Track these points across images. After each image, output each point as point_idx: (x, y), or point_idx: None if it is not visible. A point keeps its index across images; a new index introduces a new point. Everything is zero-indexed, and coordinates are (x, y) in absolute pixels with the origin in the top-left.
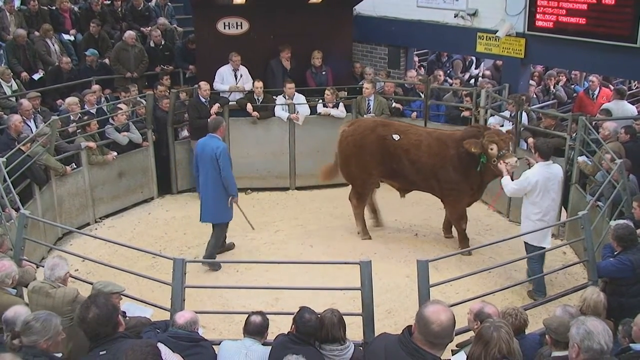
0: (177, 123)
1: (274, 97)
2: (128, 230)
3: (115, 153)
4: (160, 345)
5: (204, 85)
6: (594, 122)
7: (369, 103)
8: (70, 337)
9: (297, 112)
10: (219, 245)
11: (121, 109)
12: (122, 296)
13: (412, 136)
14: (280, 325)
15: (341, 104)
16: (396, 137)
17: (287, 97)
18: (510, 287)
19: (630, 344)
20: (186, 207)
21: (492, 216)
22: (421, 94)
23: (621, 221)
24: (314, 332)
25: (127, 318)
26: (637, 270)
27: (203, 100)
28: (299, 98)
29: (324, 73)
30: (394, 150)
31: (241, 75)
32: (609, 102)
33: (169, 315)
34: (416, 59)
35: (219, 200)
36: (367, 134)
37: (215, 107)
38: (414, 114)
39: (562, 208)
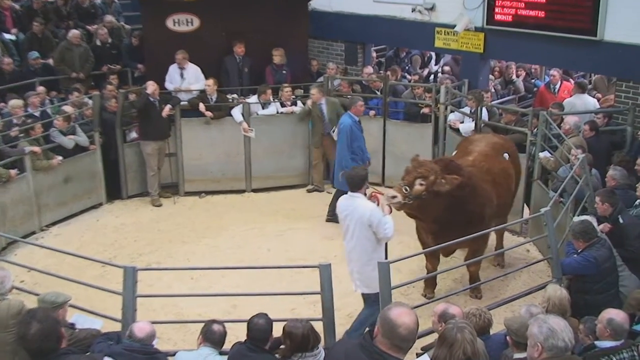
0: (126, 125)
1: (229, 95)
2: (76, 238)
3: (61, 157)
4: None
5: (150, 85)
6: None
7: (321, 108)
8: (16, 352)
9: (252, 129)
10: None
11: (65, 112)
12: (70, 307)
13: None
14: (238, 334)
15: (299, 102)
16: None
17: (262, 101)
18: (475, 286)
19: (595, 342)
20: (137, 212)
21: None
22: (377, 91)
23: (581, 217)
24: (265, 336)
25: (77, 330)
26: (601, 267)
27: (152, 100)
28: (274, 106)
29: (284, 72)
30: None
31: (182, 75)
32: (570, 96)
33: (120, 326)
34: (374, 54)
35: (339, 170)
36: None
37: (167, 110)
38: (372, 112)
39: (525, 205)
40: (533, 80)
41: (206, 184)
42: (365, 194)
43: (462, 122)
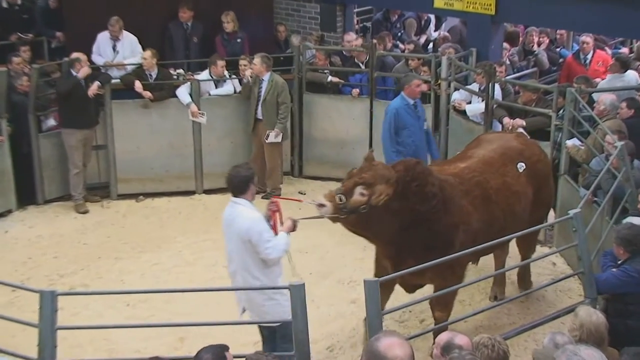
0: (41, 109)
1: (174, 71)
2: None
3: None
4: None
5: (82, 57)
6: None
7: (261, 84)
8: None
9: (203, 113)
10: None
11: None
12: None
13: None
14: None
15: (247, 72)
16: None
17: (214, 76)
18: (487, 310)
19: None
20: (56, 221)
21: None
22: (361, 64)
23: (632, 219)
24: None
25: None
26: None
27: (78, 78)
28: (230, 83)
29: (238, 41)
30: None
31: (115, 48)
32: (605, 73)
33: None
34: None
35: None
36: None
37: (95, 87)
38: (356, 90)
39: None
40: (558, 50)
41: (145, 184)
42: (251, 200)
43: (469, 103)
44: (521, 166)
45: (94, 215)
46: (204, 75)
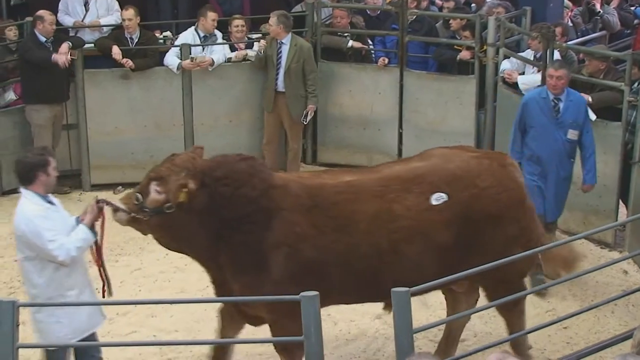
0: None
1: (161, 34)
2: None
3: None
4: None
5: (47, 16)
6: None
7: (280, 49)
8: None
9: (193, 57)
10: None
11: None
12: None
13: None
14: None
15: (257, 44)
16: None
17: (201, 33)
18: (544, 328)
19: None
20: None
21: None
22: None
23: None
24: None
25: None
26: None
27: (43, 39)
28: (221, 50)
29: None
30: None
31: (87, 5)
32: None
33: None
34: None
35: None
36: None
37: (65, 49)
38: (383, 59)
39: (620, 202)
40: (633, 8)
41: (124, 172)
42: (43, 192)
43: (522, 74)
44: (439, 198)
45: None
46: (187, 34)
